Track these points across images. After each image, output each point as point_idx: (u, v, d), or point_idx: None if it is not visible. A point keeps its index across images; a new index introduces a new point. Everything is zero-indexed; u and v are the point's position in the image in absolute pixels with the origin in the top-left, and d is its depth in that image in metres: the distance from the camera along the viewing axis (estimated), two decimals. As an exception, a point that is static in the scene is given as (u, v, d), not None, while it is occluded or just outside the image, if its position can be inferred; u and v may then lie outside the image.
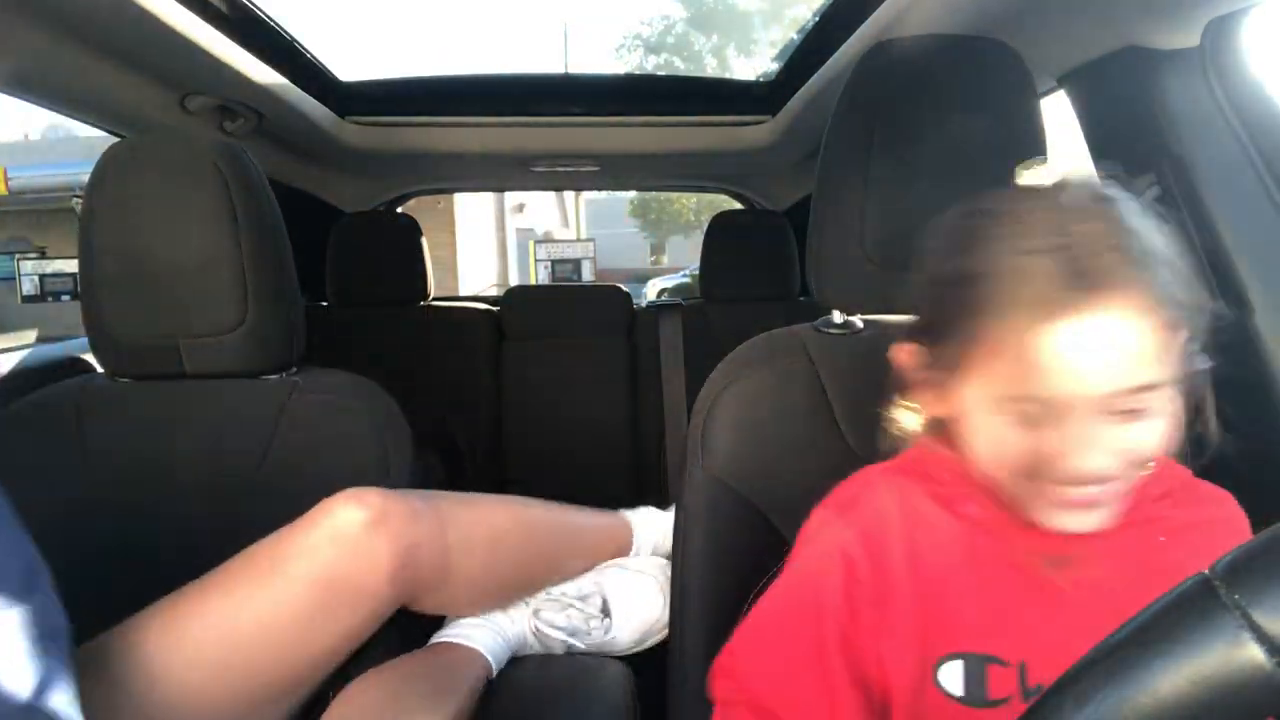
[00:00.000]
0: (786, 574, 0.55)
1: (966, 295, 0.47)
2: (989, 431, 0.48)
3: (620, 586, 0.80)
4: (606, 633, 0.79)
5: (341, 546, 0.61)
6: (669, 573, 0.81)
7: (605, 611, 0.79)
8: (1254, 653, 0.24)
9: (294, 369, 0.85)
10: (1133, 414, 0.45)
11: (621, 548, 0.84)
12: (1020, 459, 0.47)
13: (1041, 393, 0.44)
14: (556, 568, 0.78)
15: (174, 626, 0.58)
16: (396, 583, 0.63)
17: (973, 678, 0.47)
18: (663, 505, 0.92)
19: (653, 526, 0.87)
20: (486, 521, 0.73)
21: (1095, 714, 0.26)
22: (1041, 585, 0.49)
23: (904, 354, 0.54)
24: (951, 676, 0.48)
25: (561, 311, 1.93)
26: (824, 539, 0.53)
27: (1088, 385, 0.43)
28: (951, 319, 0.48)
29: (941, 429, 0.53)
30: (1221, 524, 0.53)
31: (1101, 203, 0.46)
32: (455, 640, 0.72)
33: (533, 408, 1.82)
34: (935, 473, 0.53)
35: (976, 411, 0.48)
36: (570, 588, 0.79)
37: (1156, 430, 0.46)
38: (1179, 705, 0.25)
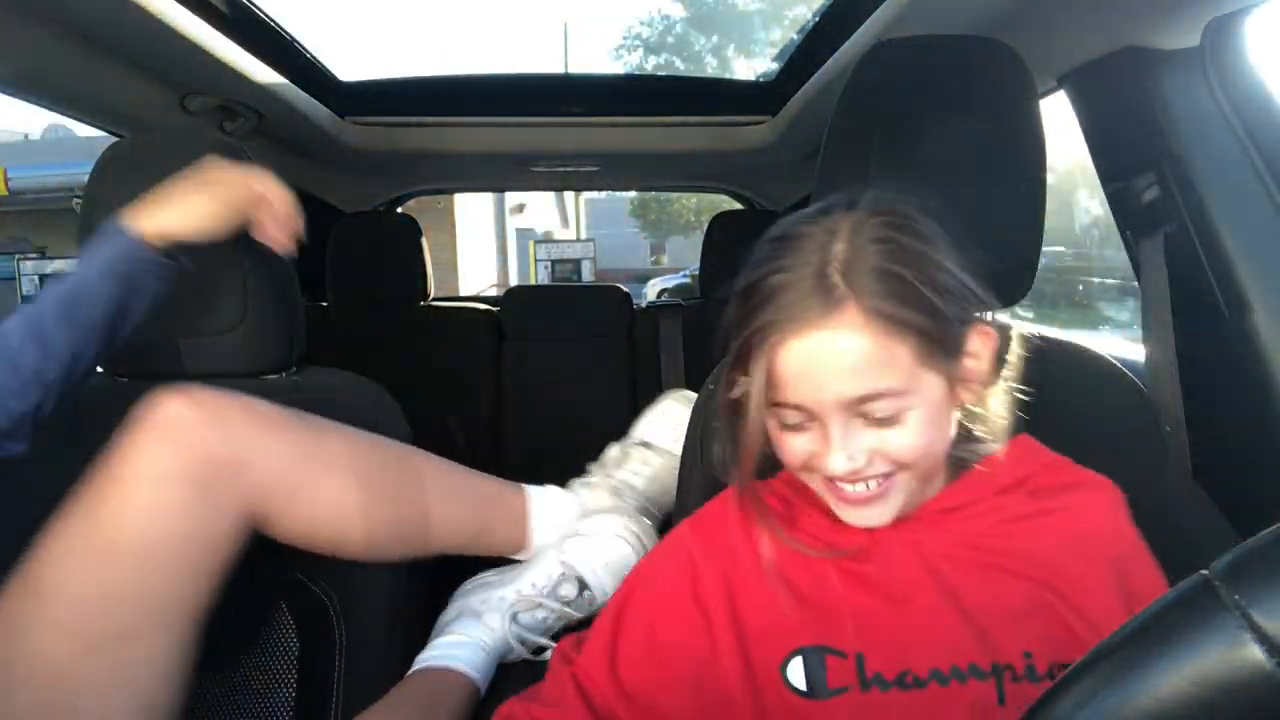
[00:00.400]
0: (636, 580, 0.59)
1: (741, 311, 0.51)
2: (772, 436, 0.52)
3: (587, 555, 0.77)
4: (591, 605, 0.76)
5: (169, 437, 0.59)
6: (634, 526, 0.79)
7: (582, 585, 0.76)
8: (1254, 653, 0.24)
9: (294, 369, 0.85)
10: (884, 420, 0.49)
11: (513, 513, 0.78)
12: (794, 459, 0.52)
13: (788, 399, 0.49)
14: (432, 512, 0.72)
15: (47, 564, 0.57)
16: (232, 478, 0.60)
17: (812, 670, 0.50)
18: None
19: (552, 501, 0.81)
20: (348, 446, 0.69)
21: (1096, 714, 0.26)
22: (873, 584, 0.53)
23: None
24: (795, 672, 0.51)
25: (561, 311, 1.93)
26: (678, 552, 0.57)
27: (823, 392, 0.48)
28: (735, 335, 0.52)
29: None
30: (1070, 510, 0.55)
31: (862, 225, 0.49)
32: (438, 664, 0.70)
33: (532, 408, 1.82)
34: (781, 493, 0.58)
35: (761, 418, 0.52)
36: (538, 578, 0.76)
37: (908, 434, 0.49)
38: (1179, 705, 0.25)
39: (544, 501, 0.80)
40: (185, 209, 0.67)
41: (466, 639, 0.73)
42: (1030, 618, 0.50)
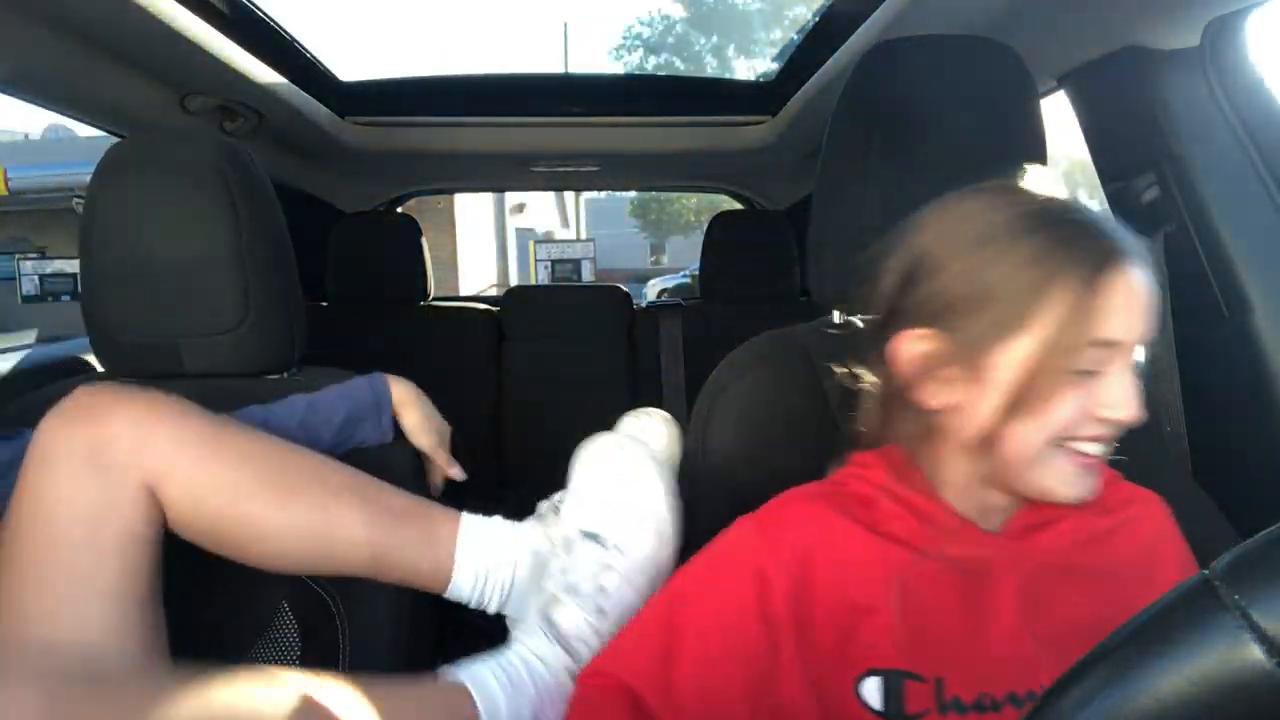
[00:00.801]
0: (689, 584, 0.55)
1: (1006, 260, 0.48)
2: (1038, 392, 0.48)
3: (613, 511, 0.69)
4: (629, 551, 0.68)
5: (66, 418, 0.63)
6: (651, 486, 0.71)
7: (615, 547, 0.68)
8: (1254, 653, 0.24)
9: (294, 369, 0.85)
10: (1133, 367, 0.49)
11: (435, 533, 0.70)
12: (1063, 416, 0.48)
13: (1109, 334, 0.47)
14: (335, 515, 0.67)
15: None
16: (127, 454, 0.62)
17: (891, 693, 0.48)
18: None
19: (490, 531, 0.72)
20: (246, 439, 0.68)
21: (1096, 714, 0.26)
22: (958, 601, 0.50)
23: (915, 343, 0.52)
24: (871, 691, 0.49)
25: (561, 311, 1.93)
26: (742, 556, 0.53)
27: (1141, 324, 0.48)
28: (986, 289, 0.48)
29: (922, 425, 0.53)
30: (1134, 523, 0.55)
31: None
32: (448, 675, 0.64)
33: (533, 408, 1.82)
34: (859, 493, 0.54)
35: (1023, 375, 0.48)
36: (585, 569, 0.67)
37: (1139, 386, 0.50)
38: (1179, 705, 0.25)
39: (479, 529, 0.72)
40: (421, 417, 0.83)
41: (491, 659, 0.66)
42: (1100, 638, 0.49)
